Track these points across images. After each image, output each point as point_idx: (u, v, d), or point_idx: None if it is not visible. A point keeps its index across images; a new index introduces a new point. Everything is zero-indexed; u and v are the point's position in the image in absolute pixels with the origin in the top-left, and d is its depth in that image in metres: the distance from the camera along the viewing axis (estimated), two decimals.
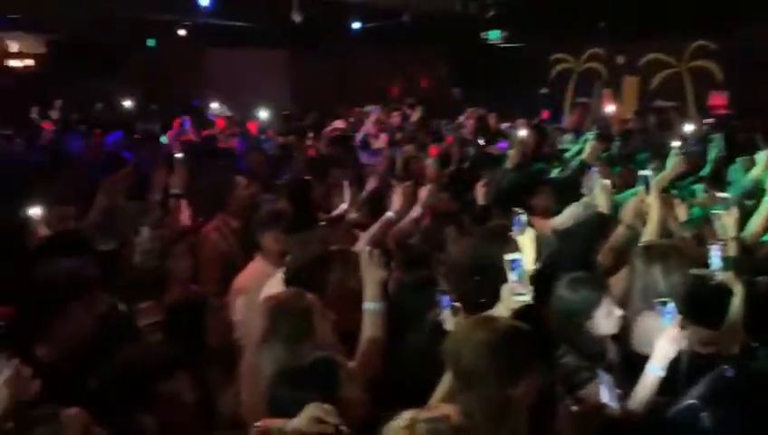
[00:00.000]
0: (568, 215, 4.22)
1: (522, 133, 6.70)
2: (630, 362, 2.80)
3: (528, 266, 2.69)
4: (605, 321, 2.76)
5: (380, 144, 7.89)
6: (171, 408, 2.27)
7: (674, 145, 4.94)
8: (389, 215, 4.13)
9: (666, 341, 2.57)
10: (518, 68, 13.47)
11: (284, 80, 14.24)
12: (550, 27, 12.35)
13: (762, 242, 3.97)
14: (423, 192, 4.40)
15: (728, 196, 4.11)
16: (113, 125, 8.62)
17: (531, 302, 2.50)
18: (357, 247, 3.70)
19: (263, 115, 9.97)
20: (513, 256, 2.52)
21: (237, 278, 3.78)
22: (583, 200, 4.30)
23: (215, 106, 11.23)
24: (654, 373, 2.57)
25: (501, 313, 2.48)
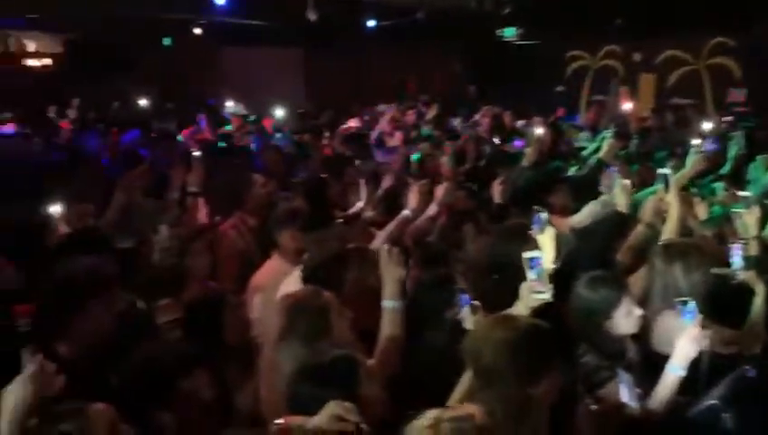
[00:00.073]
0: (586, 213, 4.19)
1: (538, 131, 6.66)
2: (650, 362, 2.77)
3: (547, 265, 2.66)
4: (625, 320, 2.74)
5: (395, 142, 7.88)
6: (189, 405, 2.28)
7: (693, 143, 4.88)
8: (406, 213, 4.12)
9: (686, 340, 2.55)
10: (533, 65, 13.40)
11: (299, 78, 14.27)
12: (565, 24, 12.25)
13: None
14: (439, 190, 4.39)
15: (749, 194, 4.07)
16: (129, 124, 8.67)
17: (550, 300, 2.48)
18: (373, 245, 3.70)
19: (278, 113, 9.98)
20: (532, 254, 2.51)
21: (255, 276, 3.79)
22: (602, 198, 4.27)
23: (230, 104, 11.28)
24: (674, 373, 2.56)
25: (520, 311, 2.47)
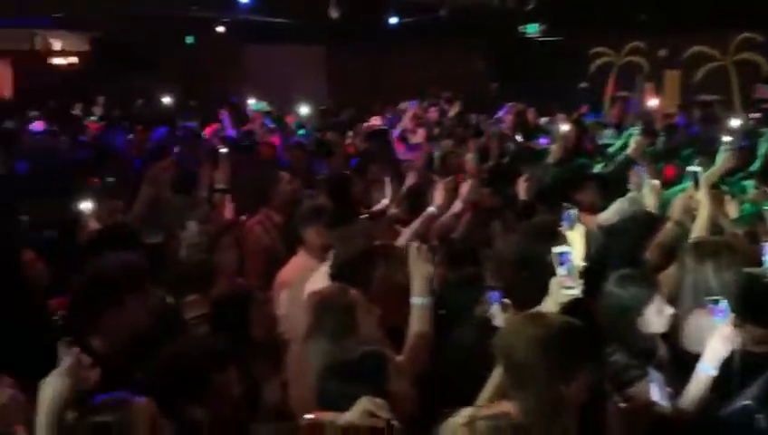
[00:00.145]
0: (614, 210, 4.15)
1: (564, 128, 6.61)
2: (680, 361, 2.74)
3: (577, 262, 2.64)
4: (656, 318, 2.70)
5: (418, 139, 7.86)
6: (221, 400, 2.30)
7: (724, 140, 4.81)
8: (431, 210, 4.11)
9: (718, 339, 2.51)
10: (556, 62, 13.28)
11: (321, 76, 14.32)
12: (589, 20, 12.13)
13: None
14: (464, 188, 4.38)
15: None
16: (154, 121, 8.75)
17: (580, 296, 2.46)
18: (399, 242, 3.70)
19: (303, 111, 10.00)
20: (561, 250, 2.48)
21: (281, 272, 3.82)
22: (629, 195, 4.23)
23: (252, 102, 11.33)
24: (706, 372, 2.52)
25: (549, 307, 2.44)
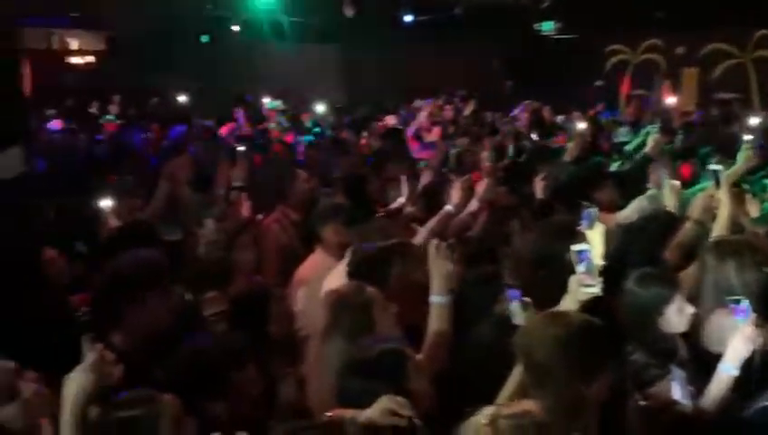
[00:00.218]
0: (633, 209, 4.12)
1: (580, 126, 6.58)
2: (701, 361, 2.72)
3: (597, 261, 2.62)
4: (677, 318, 2.69)
5: (433, 137, 7.86)
6: (241, 397, 2.31)
7: (745, 138, 4.75)
8: (448, 208, 4.10)
9: (740, 339, 2.49)
10: (571, 60, 13.22)
11: (336, 74, 14.30)
12: (604, 17, 12.06)
13: None
14: (480, 186, 4.36)
15: None
16: (169, 120, 8.79)
17: (600, 294, 2.44)
18: (415, 241, 3.70)
19: (319, 109, 10.02)
20: (580, 247, 2.46)
21: (298, 270, 3.83)
22: (649, 193, 4.20)
23: (267, 100, 11.36)
24: (727, 372, 2.50)
25: (569, 305, 2.43)
